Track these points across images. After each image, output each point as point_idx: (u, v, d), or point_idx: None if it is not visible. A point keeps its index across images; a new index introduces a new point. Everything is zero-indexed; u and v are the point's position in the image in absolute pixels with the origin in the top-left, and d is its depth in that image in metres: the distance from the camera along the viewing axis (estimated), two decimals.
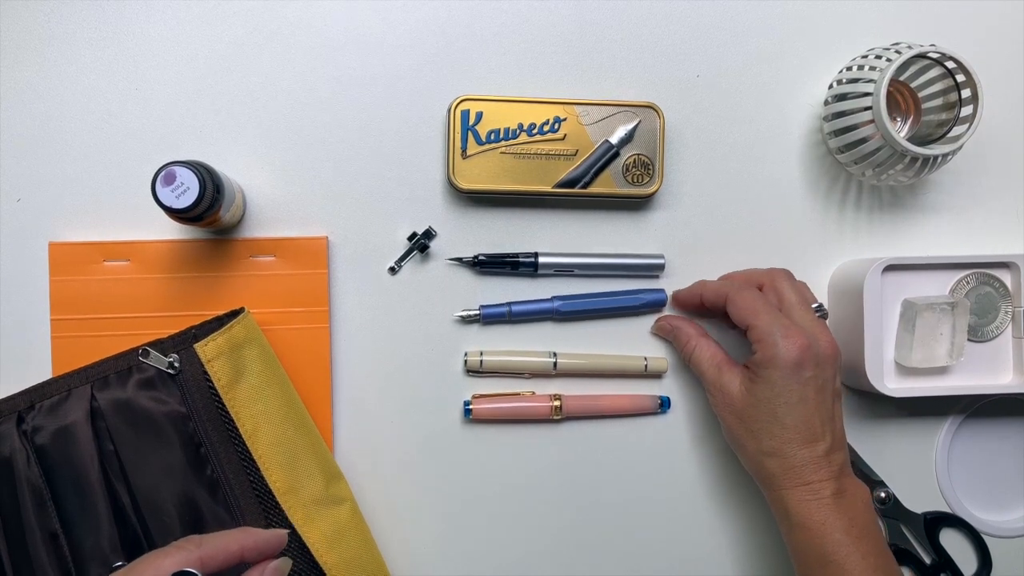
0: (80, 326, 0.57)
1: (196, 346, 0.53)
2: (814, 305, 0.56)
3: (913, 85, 0.60)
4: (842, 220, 0.63)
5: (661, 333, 0.61)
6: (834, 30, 0.63)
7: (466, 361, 0.60)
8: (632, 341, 0.62)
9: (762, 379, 0.52)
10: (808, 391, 0.52)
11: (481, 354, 0.59)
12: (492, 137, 0.58)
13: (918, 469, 0.64)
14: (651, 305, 0.61)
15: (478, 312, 0.60)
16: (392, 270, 0.60)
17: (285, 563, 0.45)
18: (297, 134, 0.59)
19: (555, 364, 0.60)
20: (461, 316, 0.60)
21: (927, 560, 0.63)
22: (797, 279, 0.57)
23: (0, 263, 0.57)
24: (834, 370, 0.53)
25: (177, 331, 0.55)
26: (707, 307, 0.59)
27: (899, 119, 0.61)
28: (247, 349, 0.55)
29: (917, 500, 0.63)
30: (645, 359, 0.61)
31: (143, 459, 0.53)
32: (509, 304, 0.60)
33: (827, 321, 0.59)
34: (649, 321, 0.62)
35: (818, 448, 0.52)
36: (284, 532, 0.46)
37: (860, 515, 0.52)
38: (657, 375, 0.61)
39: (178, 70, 0.58)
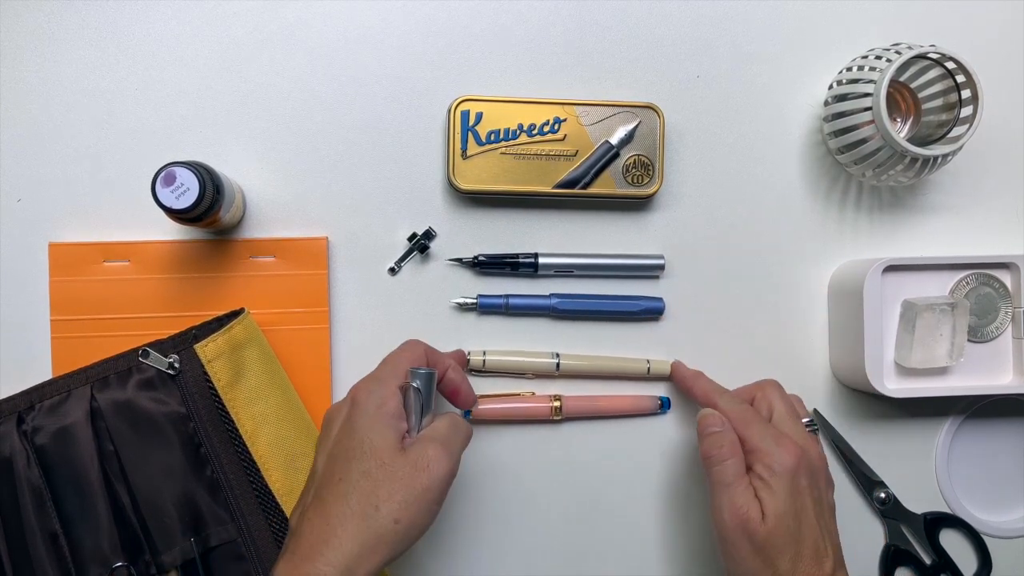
0: (80, 326, 0.57)
1: (196, 347, 0.53)
2: (805, 420, 0.55)
3: (913, 86, 0.60)
4: (842, 220, 0.63)
5: (712, 427, 0.54)
6: (834, 30, 0.63)
7: (468, 361, 0.60)
8: (630, 343, 0.62)
9: (769, 490, 0.50)
10: (807, 500, 0.50)
11: (484, 354, 0.59)
12: (492, 138, 0.58)
13: (918, 469, 0.64)
14: (648, 312, 0.61)
15: (475, 300, 0.60)
16: (392, 271, 0.60)
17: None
18: (297, 134, 0.59)
19: (558, 365, 0.60)
20: (458, 303, 0.60)
21: (927, 560, 0.63)
22: (788, 392, 0.57)
23: (0, 263, 0.57)
24: (826, 483, 0.53)
25: (177, 331, 0.55)
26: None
27: (899, 119, 0.61)
28: (247, 350, 0.55)
29: (917, 500, 0.63)
30: (648, 361, 0.61)
31: (143, 459, 0.53)
32: (507, 296, 0.60)
33: (815, 426, 0.57)
34: (647, 327, 0.62)
35: (825, 567, 0.50)
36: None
37: None
38: (660, 378, 0.61)
39: (178, 70, 0.58)
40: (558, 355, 0.60)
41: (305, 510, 0.46)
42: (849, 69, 0.59)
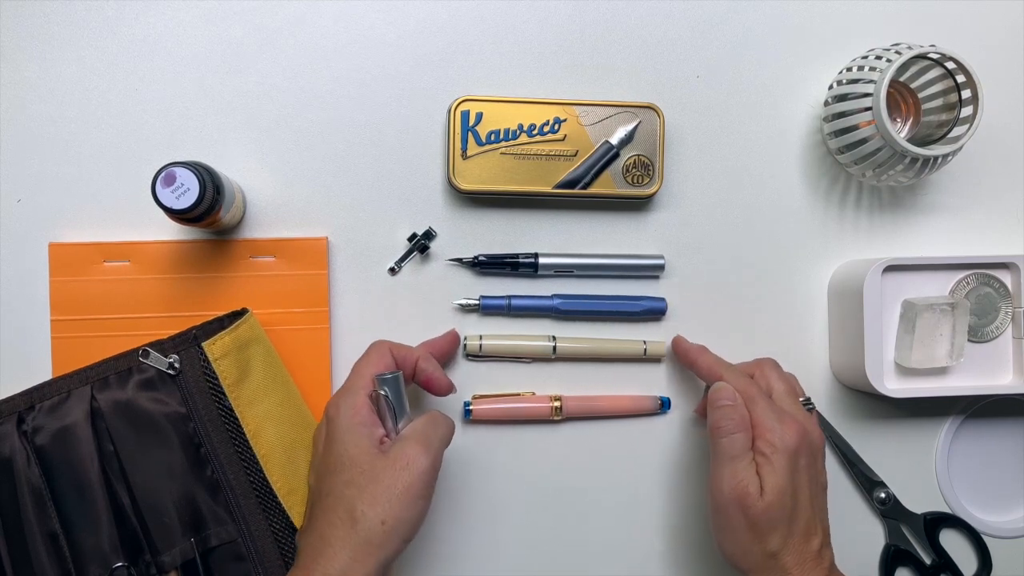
0: (80, 327, 0.56)
1: (204, 344, 0.53)
2: (802, 399, 0.56)
3: (913, 86, 0.60)
4: (842, 220, 0.63)
5: (724, 400, 0.54)
6: (834, 30, 0.63)
7: (465, 345, 0.60)
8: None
9: (770, 466, 0.50)
10: (804, 479, 0.51)
11: (480, 338, 0.59)
12: (492, 138, 0.58)
13: (918, 469, 0.64)
14: (650, 312, 0.61)
15: (478, 301, 0.60)
16: (392, 271, 0.60)
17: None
18: (297, 134, 0.59)
19: (554, 348, 0.60)
20: (461, 304, 0.60)
21: (927, 560, 0.63)
22: (786, 371, 0.57)
23: (0, 263, 0.57)
24: (823, 462, 0.53)
25: (177, 332, 0.55)
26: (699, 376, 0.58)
27: (899, 120, 0.61)
28: (252, 349, 0.55)
29: (917, 500, 0.63)
30: (644, 343, 0.61)
31: (143, 459, 0.53)
32: (509, 297, 0.60)
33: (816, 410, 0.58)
34: (648, 327, 0.62)
35: (813, 543, 0.50)
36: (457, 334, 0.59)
37: None
38: (656, 359, 0.61)
39: (178, 70, 0.58)
40: (554, 338, 0.60)
41: (303, 530, 0.49)
42: (849, 69, 0.59)
